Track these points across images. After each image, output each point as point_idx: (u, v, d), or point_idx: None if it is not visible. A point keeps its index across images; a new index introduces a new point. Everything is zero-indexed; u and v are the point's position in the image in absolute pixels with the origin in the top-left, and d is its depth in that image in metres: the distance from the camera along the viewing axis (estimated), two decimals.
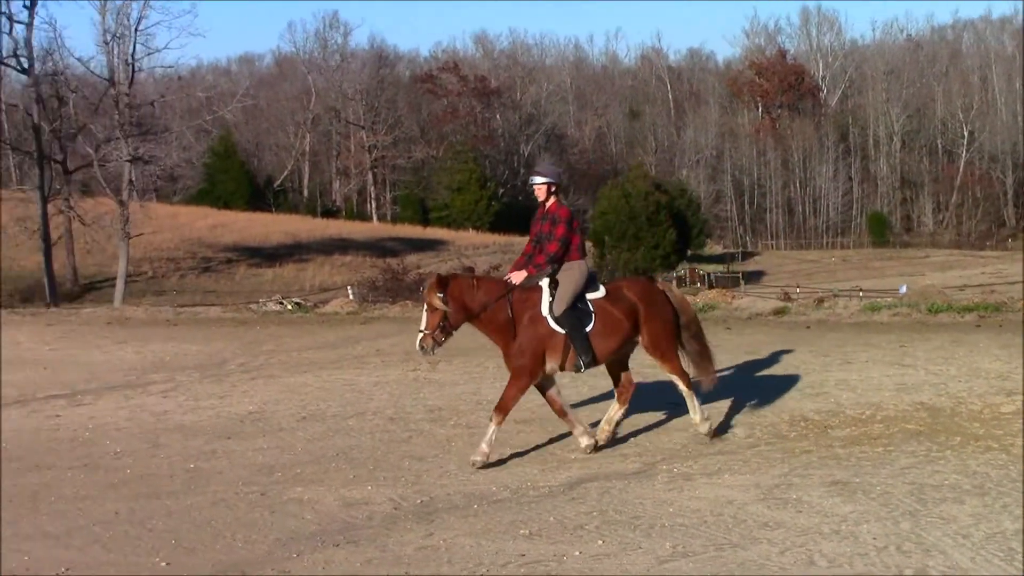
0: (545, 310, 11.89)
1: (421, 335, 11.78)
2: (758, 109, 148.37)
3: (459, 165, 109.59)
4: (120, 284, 57.42)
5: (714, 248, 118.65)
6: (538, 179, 12.26)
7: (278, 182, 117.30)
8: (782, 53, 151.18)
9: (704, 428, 12.74)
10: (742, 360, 18.66)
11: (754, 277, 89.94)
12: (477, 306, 11.80)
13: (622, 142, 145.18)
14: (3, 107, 69.00)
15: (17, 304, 53.72)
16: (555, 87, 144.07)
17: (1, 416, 14.67)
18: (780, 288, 49.75)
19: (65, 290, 61.90)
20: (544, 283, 12.04)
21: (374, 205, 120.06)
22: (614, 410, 12.73)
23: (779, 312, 26.49)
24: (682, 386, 12.64)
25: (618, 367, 12.74)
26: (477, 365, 20.09)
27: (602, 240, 79.24)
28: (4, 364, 22.47)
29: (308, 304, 38.41)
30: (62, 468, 12.81)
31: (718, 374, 13.39)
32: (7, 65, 61.71)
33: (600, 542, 9.28)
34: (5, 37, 59.68)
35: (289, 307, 36.95)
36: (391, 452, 13.26)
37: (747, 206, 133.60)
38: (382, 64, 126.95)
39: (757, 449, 12.53)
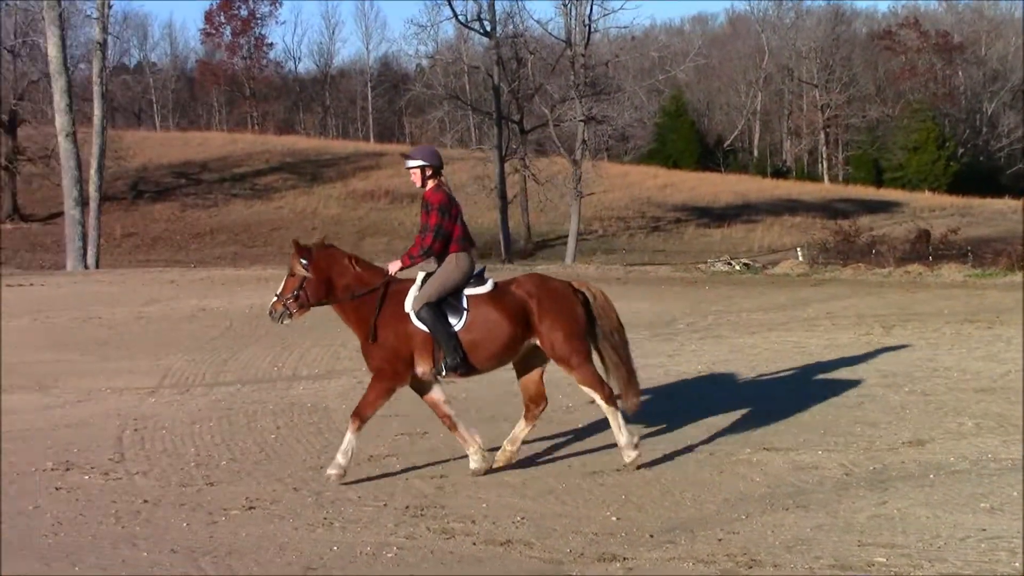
0: (408, 305, 10.50)
1: (274, 299, 10.73)
2: None
3: (916, 124, 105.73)
4: (572, 242, 58.73)
5: None
6: (409, 163, 10.82)
7: (728, 142, 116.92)
8: None
9: (628, 456, 10.66)
10: None
11: None
12: (342, 288, 10.55)
13: None
14: (466, 69, 71.91)
15: (475, 259, 56.07)
16: None
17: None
18: None
19: (519, 247, 63.97)
20: (419, 277, 10.67)
21: (825, 165, 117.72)
22: (519, 428, 10.92)
23: None
24: (599, 400, 10.74)
25: (530, 379, 10.95)
26: (934, 330, 19.36)
27: None
28: None
29: (757, 265, 38.19)
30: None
31: (643, 397, 11.47)
32: (471, 28, 64.28)
33: None
34: (470, 3, 62.21)
35: (738, 267, 36.85)
36: (841, 417, 12.93)
37: None
38: (838, 21, 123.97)
39: None
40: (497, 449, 10.92)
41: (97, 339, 20.62)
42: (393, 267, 10.68)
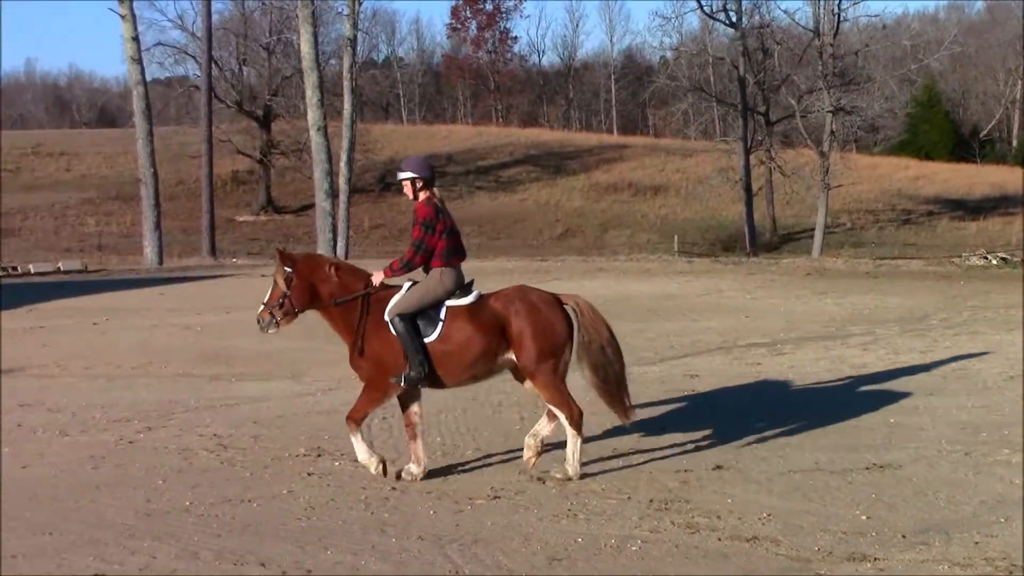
0: (387, 314, 10.36)
1: (261, 307, 10.71)
2: None
3: None
4: (818, 235, 57.63)
5: None
6: (400, 175, 10.71)
7: (984, 132, 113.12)
8: None
9: (568, 471, 10.26)
10: None
11: None
12: (326, 295, 10.58)
13: None
14: (711, 60, 71.32)
15: (718, 253, 55.61)
16: None
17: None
18: None
19: (764, 240, 63.19)
20: (405, 286, 10.54)
21: None
22: (541, 424, 10.55)
23: None
24: (564, 421, 10.27)
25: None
26: None
27: None
28: (708, 310, 23.21)
29: (1015, 259, 36.83)
30: (775, 414, 12.97)
31: (635, 409, 10.90)
32: (716, 19, 63.70)
33: None
34: None
35: (995, 262, 35.63)
36: None
37: None
38: None
39: None
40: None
41: None
42: (376, 278, 10.62)
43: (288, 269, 10.58)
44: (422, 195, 10.60)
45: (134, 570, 8.00)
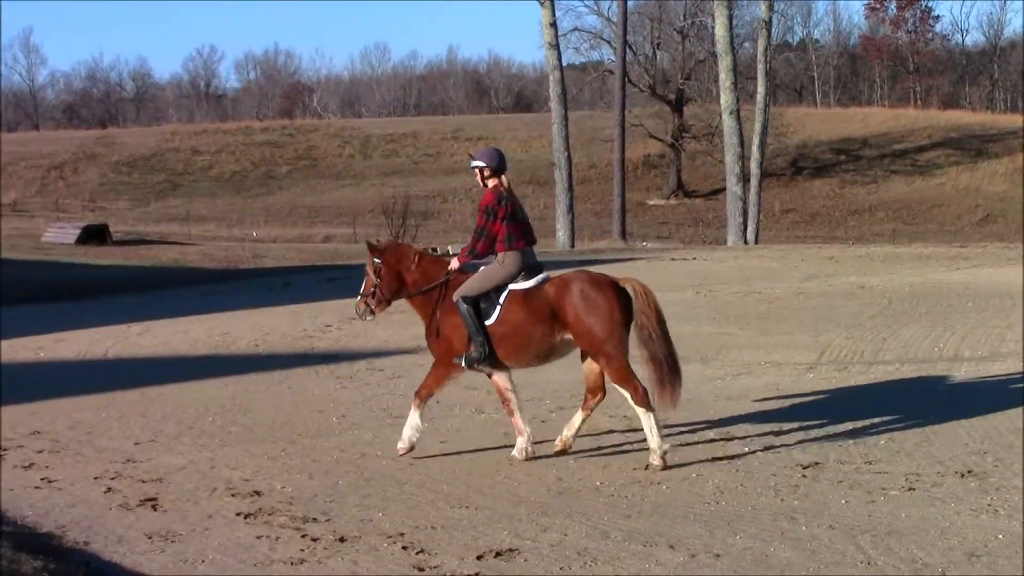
0: (454, 296, 10.79)
1: (358, 298, 11.49)
2: None
3: None
4: None
5: None
6: (472, 163, 11.15)
7: None
8: None
9: (655, 459, 10.27)
10: None
11: None
12: (411, 282, 11.20)
13: None
14: None
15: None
16: None
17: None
18: None
19: None
20: (480, 270, 10.91)
21: None
22: (577, 417, 10.98)
23: None
24: (630, 399, 10.42)
25: (591, 368, 10.79)
26: None
27: None
28: None
29: None
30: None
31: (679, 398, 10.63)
32: None
33: None
34: None
35: None
36: None
37: None
38: None
39: None
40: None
41: (757, 313, 20.99)
42: (455, 264, 11.12)
43: (377, 260, 11.33)
44: (490, 183, 11.02)
45: (546, 546, 8.24)
